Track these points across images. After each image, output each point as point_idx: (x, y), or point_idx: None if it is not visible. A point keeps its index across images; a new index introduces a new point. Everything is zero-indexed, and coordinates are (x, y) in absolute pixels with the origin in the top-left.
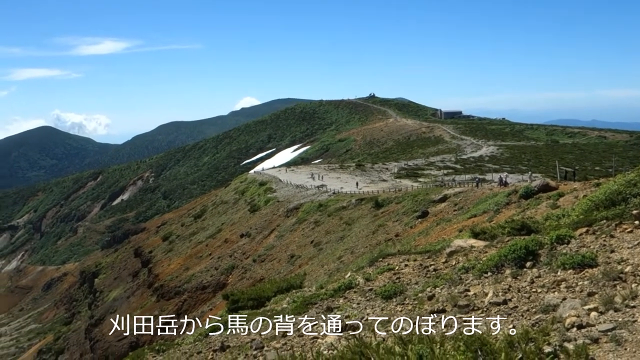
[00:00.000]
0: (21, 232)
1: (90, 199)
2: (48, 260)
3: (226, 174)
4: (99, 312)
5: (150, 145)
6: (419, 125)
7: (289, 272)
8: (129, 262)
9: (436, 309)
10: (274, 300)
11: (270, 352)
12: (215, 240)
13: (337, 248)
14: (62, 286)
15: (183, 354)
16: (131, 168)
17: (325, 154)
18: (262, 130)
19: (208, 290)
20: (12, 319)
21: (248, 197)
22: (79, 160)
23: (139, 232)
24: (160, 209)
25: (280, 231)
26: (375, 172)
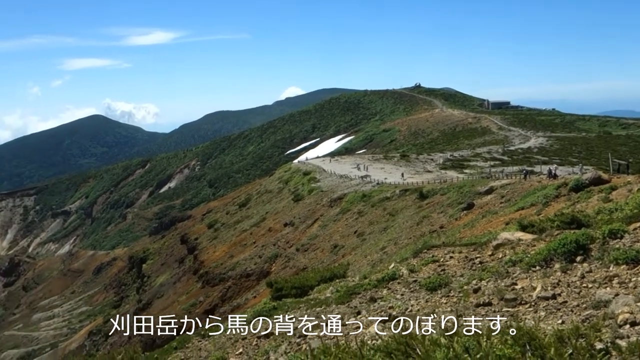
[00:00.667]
0: (73, 217)
1: (139, 187)
2: (98, 245)
3: (270, 163)
4: (147, 297)
5: (197, 134)
6: (465, 116)
7: (332, 261)
8: (176, 248)
9: (482, 302)
10: (317, 290)
11: (313, 341)
12: (260, 228)
13: (381, 239)
14: (111, 270)
15: (228, 340)
16: (178, 156)
17: (369, 144)
18: (306, 120)
19: (252, 277)
20: (64, 300)
21: (292, 186)
22: (128, 148)
23: (185, 220)
24: (205, 197)
25: (324, 221)
26: (420, 163)
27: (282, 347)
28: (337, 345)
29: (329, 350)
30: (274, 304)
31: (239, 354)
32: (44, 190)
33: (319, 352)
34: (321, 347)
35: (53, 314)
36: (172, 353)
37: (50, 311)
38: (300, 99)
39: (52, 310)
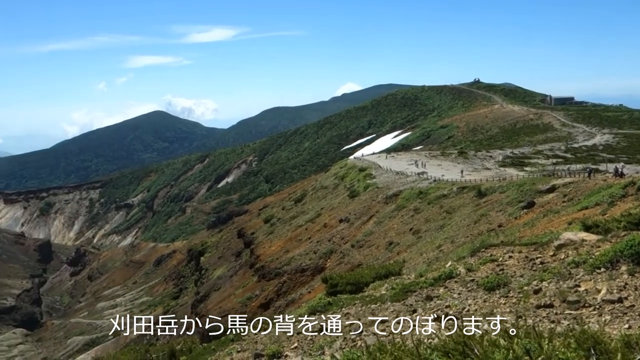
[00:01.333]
0: (135, 210)
1: (198, 181)
2: (159, 238)
3: (326, 159)
4: (204, 289)
5: (254, 130)
6: (526, 112)
7: (387, 258)
8: (233, 242)
9: (543, 304)
10: (372, 286)
11: (369, 337)
12: (315, 224)
13: (437, 237)
14: (171, 262)
15: (283, 333)
16: (236, 152)
17: (426, 141)
18: (362, 116)
19: (307, 273)
20: (126, 290)
21: (347, 182)
22: (188, 143)
23: (242, 214)
24: (262, 192)
25: (379, 217)
26: (478, 160)
27: (337, 343)
28: (393, 342)
29: (384, 348)
30: (329, 300)
31: (294, 348)
32: (108, 183)
33: (375, 349)
34: (377, 344)
35: (116, 303)
36: (228, 345)
37: (113, 300)
38: (356, 95)
39: (115, 300)
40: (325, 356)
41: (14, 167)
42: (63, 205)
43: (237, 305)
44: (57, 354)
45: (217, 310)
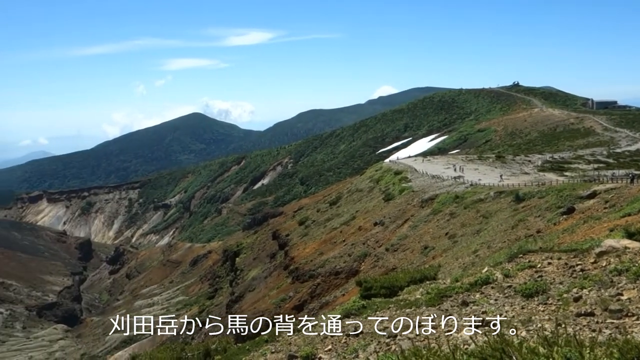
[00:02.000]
0: (173, 210)
1: (234, 182)
2: (195, 238)
3: (361, 162)
4: (239, 290)
5: (290, 132)
6: (566, 116)
7: (422, 263)
8: (267, 244)
9: (583, 312)
10: (406, 290)
11: (404, 342)
12: (349, 227)
13: (473, 241)
14: (206, 263)
15: (317, 336)
16: (271, 154)
17: (463, 145)
18: (398, 119)
19: (341, 275)
20: (163, 289)
21: (382, 185)
22: (224, 145)
23: (277, 216)
24: (297, 194)
25: (414, 221)
26: (516, 165)
27: (371, 346)
28: (429, 347)
29: (420, 353)
30: (363, 303)
31: (327, 351)
32: (147, 184)
33: (410, 354)
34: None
35: (153, 302)
36: (262, 345)
37: (150, 299)
38: (393, 98)
39: (152, 298)
40: (360, 359)
41: (57, 167)
42: (103, 204)
43: (271, 307)
44: (96, 350)
45: (252, 311)
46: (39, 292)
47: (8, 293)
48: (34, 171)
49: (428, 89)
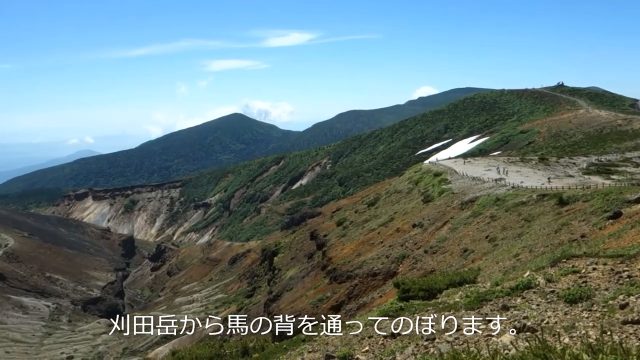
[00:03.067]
0: (213, 209)
1: (273, 182)
2: (234, 237)
3: (400, 163)
4: (277, 289)
5: (329, 133)
6: (614, 117)
7: (461, 266)
8: (305, 244)
9: (630, 320)
10: (445, 293)
11: (442, 345)
12: (387, 228)
13: (514, 245)
14: (245, 261)
15: (354, 337)
16: (310, 154)
17: (504, 146)
18: (438, 120)
19: (378, 277)
20: (203, 287)
21: (422, 187)
22: (264, 145)
23: (315, 216)
24: (335, 195)
25: (454, 224)
26: (560, 167)
27: (409, 349)
28: (468, 351)
29: (459, 356)
30: (401, 305)
31: (365, 352)
32: (188, 183)
33: (449, 357)
34: (451, 352)
35: (192, 299)
36: (300, 345)
37: (190, 296)
38: (433, 99)
39: (192, 296)
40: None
41: (102, 166)
42: (146, 203)
43: (309, 306)
44: (137, 344)
45: (289, 310)
46: (84, 286)
47: (55, 287)
48: (80, 169)
49: (469, 90)
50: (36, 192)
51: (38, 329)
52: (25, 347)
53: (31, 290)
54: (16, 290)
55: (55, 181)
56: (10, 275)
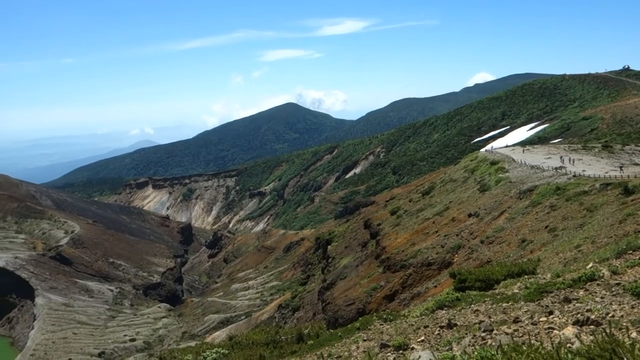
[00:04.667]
0: (267, 198)
1: (326, 171)
2: (288, 225)
3: (456, 152)
4: (331, 277)
5: (383, 121)
6: None
7: (519, 256)
8: (359, 232)
9: None
10: (503, 284)
11: (500, 336)
12: (442, 218)
13: (575, 236)
14: (299, 250)
15: (410, 326)
16: (364, 143)
17: (565, 134)
18: (495, 107)
19: (433, 267)
20: (258, 274)
21: (478, 176)
22: (317, 134)
23: (368, 205)
24: (389, 184)
25: (511, 213)
26: (625, 155)
27: (465, 340)
28: (530, 344)
29: (520, 349)
30: (457, 295)
31: (420, 341)
32: (243, 172)
33: (510, 349)
34: (512, 344)
35: (248, 286)
36: (354, 333)
37: (246, 283)
38: (489, 85)
39: (247, 282)
40: (453, 352)
41: (161, 156)
42: (203, 191)
43: (363, 295)
44: (196, 329)
45: (343, 299)
46: (145, 272)
47: (118, 272)
48: (140, 159)
49: (528, 75)
50: (100, 181)
51: (102, 312)
52: (91, 329)
53: (96, 275)
54: (82, 275)
55: (118, 170)
56: (76, 261)
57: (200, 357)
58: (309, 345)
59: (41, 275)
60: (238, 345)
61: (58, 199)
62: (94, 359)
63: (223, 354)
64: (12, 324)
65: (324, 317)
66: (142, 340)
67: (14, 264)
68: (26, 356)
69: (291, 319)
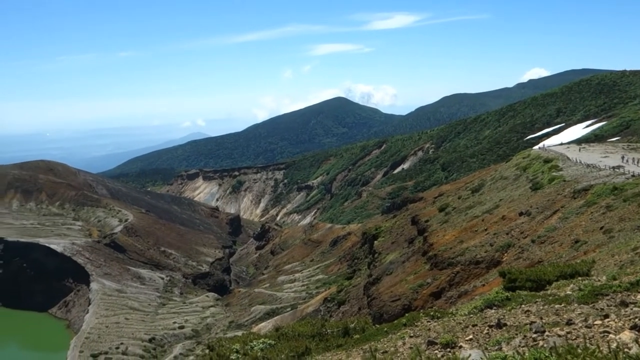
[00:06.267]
0: (315, 191)
1: (374, 166)
2: (335, 219)
3: (507, 149)
4: (376, 272)
5: (432, 117)
6: None
7: (572, 257)
8: (406, 228)
9: None
10: (555, 285)
11: (553, 338)
12: (492, 216)
13: (633, 238)
14: (345, 244)
15: (457, 324)
16: (412, 139)
17: (624, 132)
18: (550, 103)
19: (481, 265)
20: (304, 267)
21: (530, 174)
22: (366, 129)
23: (416, 201)
24: (437, 180)
25: (565, 213)
26: None
27: (515, 340)
28: (585, 347)
29: (575, 351)
30: (507, 295)
31: (468, 340)
32: (291, 165)
33: (564, 352)
34: (566, 346)
35: (294, 278)
36: (401, 329)
37: (292, 275)
38: (544, 81)
39: (294, 275)
40: (503, 352)
41: (212, 148)
42: (251, 183)
43: (408, 292)
44: (242, 319)
45: (389, 294)
46: (194, 261)
47: (168, 261)
48: (192, 151)
49: (585, 71)
50: (153, 171)
51: (153, 298)
52: (142, 315)
53: (147, 263)
54: (134, 262)
55: (170, 161)
56: (129, 248)
57: (247, 346)
58: (354, 340)
59: (96, 261)
60: (284, 336)
61: (113, 188)
62: (145, 344)
63: (270, 344)
64: (68, 308)
65: (369, 312)
66: (191, 328)
67: (71, 250)
68: (81, 339)
69: (336, 313)
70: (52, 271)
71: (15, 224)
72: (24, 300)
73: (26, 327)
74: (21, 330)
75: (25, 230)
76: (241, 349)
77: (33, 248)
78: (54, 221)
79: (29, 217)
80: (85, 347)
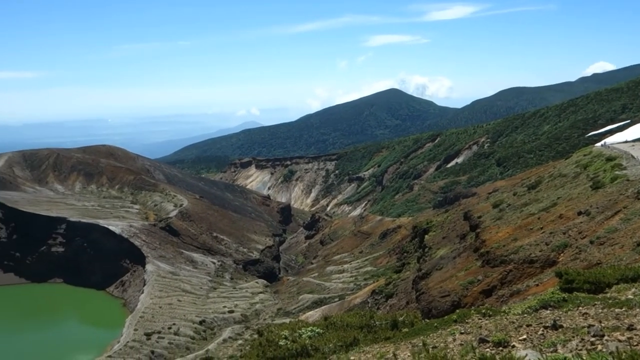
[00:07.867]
0: (366, 183)
1: (427, 160)
2: (385, 212)
3: (567, 145)
4: (426, 267)
5: (489, 111)
6: None
7: (633, 260)
8: (458, 224)
9: None
10: (615, 289)
11: (613, 343)
12: (549, 214)
13: None
14: (395, 237)
15: (510, 323)
16: (467, 132)
17: None
18: (615, 99)
19: (535, 264)
20: (353, 258)
21: (591, 172)
22: (420, 121)
23: (469, 196)
24: (492, 176)
25: (627, 214)
26: None
27: (572, 343)
28: None
29: (637, 357)
30: (564, 296)
31: (522, 340)
32: (343, 156)
33: (627, 357)
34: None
35: (343, 269)
36: (451, 325)
37: (341, 266)
38: (609, 75)
39: (342, 266)
40: (560, 354)
41: (265, 137)
42: (303, 173)
43: (458, 288)
44: (290, 307)
45: (438, 290)
46: (245, 248)
47: (220, 246)
48: (246, 139)
49: None
50: (207, 158)
51: (205, 282)
52: (194, 297)
53: (200, 247)
54: (188, 246)
55: (224, 149)
56: (183, 233)
57: (296, 333)
58: (403, 333)
59: (152, 244)
60: (332, 325)
61: (169, 174)
62: (196, 326)
63: (318, 333)
64: (124, 287)
65: (417, 307)
66: (240, 312)
67: (128, 232)
68: (136, 317)
69: (384, 306)
70: (111, 251)
71: (77, 205)
72: (84, 278)
73: (85, 303)
74: (81, 307)
75: (87, 212)
76: (290, 336)
77: (93, 228)
78: (113, 204)
79: (90, 198)
80: (140, 325)
